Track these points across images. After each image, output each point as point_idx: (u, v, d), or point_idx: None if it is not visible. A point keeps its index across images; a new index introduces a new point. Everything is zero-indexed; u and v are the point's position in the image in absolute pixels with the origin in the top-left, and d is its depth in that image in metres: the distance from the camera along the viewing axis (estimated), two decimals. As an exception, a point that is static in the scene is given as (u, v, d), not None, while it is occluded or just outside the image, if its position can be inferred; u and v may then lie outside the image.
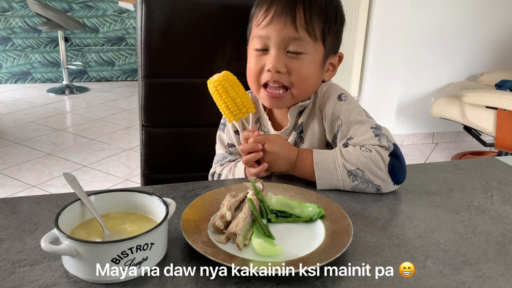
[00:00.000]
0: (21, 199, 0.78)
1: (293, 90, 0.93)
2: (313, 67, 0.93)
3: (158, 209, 0.66)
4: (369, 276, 0.61)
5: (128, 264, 0.57)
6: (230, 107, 0.89)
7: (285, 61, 0.91)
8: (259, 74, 0.94)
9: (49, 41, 4.81)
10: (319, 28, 0.91)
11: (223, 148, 1.09)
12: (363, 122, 0.92)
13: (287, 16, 0.88)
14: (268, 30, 0.90)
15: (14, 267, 0.60)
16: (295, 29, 0.88)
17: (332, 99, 0.96)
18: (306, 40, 0.90)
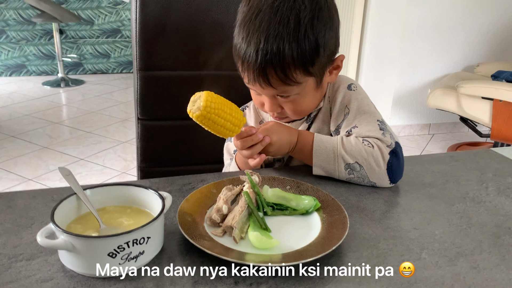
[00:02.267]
0: (17, 194, 0.77)
1: (293, 116, 0.96)
2: (307, 98, 0.92)
3: (155, 202, 0.66)
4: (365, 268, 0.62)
5: (125, 258, 0.57)
6: (224, 131, 0.83)
7: (279, 102, 0.91)
8: (263, 107, 0.95)
9: (44, 34, 4.78)
10: (299, 73, 0.84)
11: (229, 156, 1.09)
12: (370, 113, 0.92)
13: (260, 81, 0.84)
14: (253, 86, 0.88)
15: (11, 262, 0.60)
16: (273, 88, 0.86)
17: (342, 89, 0.97)
18: (289, 89, 0.87)
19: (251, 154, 0.88)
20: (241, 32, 0.85)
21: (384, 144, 0.86)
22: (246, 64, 0.84)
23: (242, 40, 0.84)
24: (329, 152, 0.87)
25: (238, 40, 0.86)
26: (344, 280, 0.59)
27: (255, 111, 1.07)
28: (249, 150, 0.88)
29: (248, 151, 0.88)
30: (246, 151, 0.88)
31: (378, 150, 0.85)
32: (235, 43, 0.87)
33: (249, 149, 0.88)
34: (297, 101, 0.90)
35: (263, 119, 1.06)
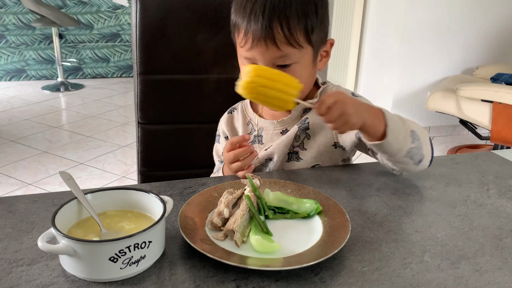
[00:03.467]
0: (18, 198, 0.77)
1: None
2: (305, 71, 0.92)
3: (156, 206, 0.65)
4: (366, 271, 0.62)
5: (126, 263, 0.56)
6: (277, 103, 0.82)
7: None
8: None
9: (43, 38, 4.78)
10: (302, 34, 0.87)
11: (218, 158, 1.10)
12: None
13: (266, 38, 0.85)
14: (252, 53, 0.87)
15: (11, 267, 0.60)
16: (277, 49, 0.86)
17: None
18: (291, 52, 0.87)
19: (241, 166, 0.89)
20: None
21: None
22: (250, 24, 0.85)
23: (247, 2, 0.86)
24: (396, 118, 0.84)
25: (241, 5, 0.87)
26: (346, 284, 0.59)
27: (243, 112, 1.07)
28: (239, 163, 0.88)
29: (238, 164, 0.89)
30: (235, 164, 0.89)
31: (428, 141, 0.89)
32: (236, 9, 0.89)
33: (239, 162, 0.88)
34: (295, 71, 0.89)
35: (250, 120, 1.05)
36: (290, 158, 0.99)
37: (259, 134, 1.03)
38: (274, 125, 1.00)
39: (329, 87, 1.00)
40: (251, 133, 1.04)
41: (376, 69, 3.62)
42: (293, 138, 0.98)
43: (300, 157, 0.98)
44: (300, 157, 0.98)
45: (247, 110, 1.07)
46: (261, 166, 1.02)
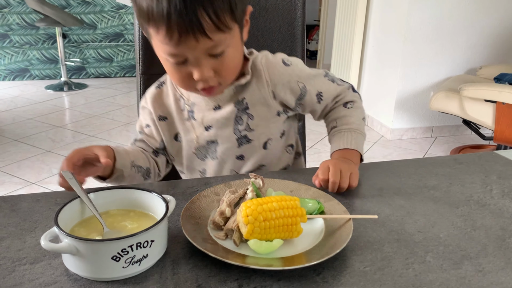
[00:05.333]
0: (21, 197, 0.78)
1: (225, 81, 0.88)
2: (236, 52, 0.86)
3: (158, 206, 0.65)
4: (369, 271, 0.62)
5: (129, 262, 0.57)
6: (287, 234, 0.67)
7: (209, 64, 0.82)
8: (188, 83, 0.86)
9: (47, 38, 4.80)
10: (228, 15, 0.79)
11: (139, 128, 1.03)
12: (317, 74, 0.99)
13: (194, 31, 0.76)
14: (181, 49, 0.79)
15: (14, 266, 0.60)
16: (208, 39, 0.77)
17: (279, 68, 0.94)
18: (222, 38, 0.80)
19: None
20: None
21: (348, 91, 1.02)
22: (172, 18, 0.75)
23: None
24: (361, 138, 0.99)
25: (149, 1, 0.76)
26: (349, 284, 0.59)
27: (173, 88, 0.99)
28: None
29: None
30: None
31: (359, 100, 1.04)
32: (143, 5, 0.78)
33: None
34: (229, 56, 0.83)
35: (182, 95, 0.98)
36: (240, 143, 0.97)
37: (191, 109, 0.97)
38: (206, 101, 0.95)
39: (258, 58, 0.94)
40: (184, 109, 0.98)
41: (379, 69, 3.62)
42: (234, 121, 0.95)
43: (250, 138, 0.96)
44: (250, 139, 0.96)
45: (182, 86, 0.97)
46: (204, 150, 0.99)
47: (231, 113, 0.95)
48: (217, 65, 0.83)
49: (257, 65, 0.94)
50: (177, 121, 0.99)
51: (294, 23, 1.13)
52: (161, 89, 1.00)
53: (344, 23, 3.93)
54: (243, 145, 0.97)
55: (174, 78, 0.87)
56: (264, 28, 1.12)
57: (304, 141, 1.23)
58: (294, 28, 1.13)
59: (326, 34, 5.28)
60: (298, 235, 0.66)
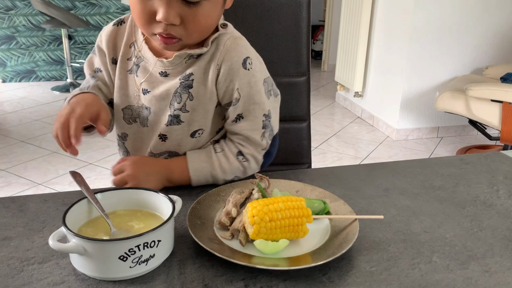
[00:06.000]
0: (28, 198, 0.78)
1: (188, 38, 0.79)
2: (214, 10, 0.77)
3: (165, 206, 0.66)
4: (375, 271, 0.62)
5: (136, 262, 0.57)
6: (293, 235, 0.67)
7: (179, 10, 0.74)
8: (148, 21, 0.76)
9: (53, 39, 4.82)
10: None
11: (90, 71, 0.94)
12: (259, 103, 0.86)
13: None
14: None
15: (23, 265, 0.60)
16: None
17: (235, 63, 0.83)
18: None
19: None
20: None
21: (260, 148, 0.89)
22: None
23: None
24: (208, 177, 0.85)
25: None
26: (355, 284, 0.59)
27: (131, 29, 0.89)
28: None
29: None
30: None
31: (254, 161, 0.88)
32: None
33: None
34: (204, 10, 0.75)
35: (135, 42, 0.89)
36: (170, 122, 0.87)
37: (137, 63, 0.88)
38: (155, 62, 0.86)
39: (226, 36, 0.85)
40: (131, 58, 0.89)
41: (384, 69, 3.61)
42: (173, 96, 0.85)
43: (181, 120, 0.87)
44: (182, 120, 0.87)
45: (136, 29, 0.89)
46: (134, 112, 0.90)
47: (173, 86, 0.85)
48: (187, 15, 0.74)
49: (220, 42, 0.84)
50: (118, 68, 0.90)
51: (299, 24, 1.13)
52: (118, 27, 0.90)
53: (349, 23, 3.92)
54: (172, 126, 0.87)
55: (135, 12, 0.77)
56: (269, 29, 1.12)
57: (310, 142, 1.23)
58: (299, 29, 1.13)
59: (331, 34, 5.28)
60: (304, 235, 0.66)
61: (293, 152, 1.21)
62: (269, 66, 1.15)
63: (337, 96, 4.45)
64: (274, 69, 1.16)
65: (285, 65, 1.16)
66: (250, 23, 1.11)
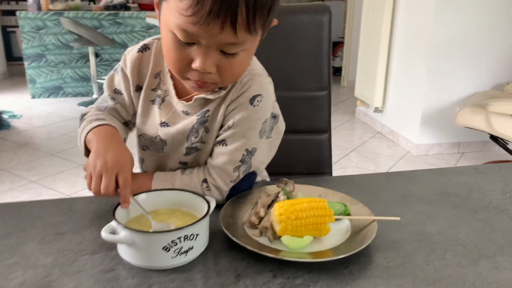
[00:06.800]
0: (76, 199, 0.86)
1: (222, 84, 0.81)
2: (248, 58, 0.79)
3: (200, 206, 0.73)
4: (391, 266, 0.67)
5: (177, 252, 0.64)
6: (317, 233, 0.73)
7: (216, 60, 0.73)
8: (183, 68, 0.76)
9: (80, 57, 5.01)
10: (262, 20, 0.71)
11: (109, 91, 0.95)
12: (246, 137, 0.85)
13: (226, 19, 0.66)
14: (199, 30, 0.68)
15: (76, 256, 0.68)
16: (234, 34, 0.69)
17: (245, 98, 0.85)
18: (246, 40, 0.72)
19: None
20: None
21: (228, 180, 0.85)
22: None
23: None
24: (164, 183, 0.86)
25: None
26: (373, 276, 0.65)
27: (156, 57, 0.89)
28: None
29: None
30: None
31: (217, 192, 0.85)
32: None
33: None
34: (241, 60, 0.75)
35: (161, 72, 0.90)
36: (188, 153, 0.90)
37: (162, 96, 0.90)
38: (177, 102, 0.89)
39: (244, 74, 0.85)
40: (155, 89, 0.90)
41: (404, 84, 3.65)
42: (191, 131, 0.88)
43: (199, 148, 0.90)
44: (199, 149, 0.90)
45: (161, 58, 0.88)
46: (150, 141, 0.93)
47: (190, 122, 0.88)
48: (224, 65, 0.74)
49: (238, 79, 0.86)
50: (142, 98, 0.92)
51: (321, 41, 1.20)
52: (143, 53, 0.90)
53: (369, 40, 3.99)
54: (191, 155, 0.91)
55: (169, 58, 0.77)
56: (293, 46, 1.20)
57: (330, 152, 1.29)
58: (321, 46, 1.21)
59: (351, 51, 5.35)
60: (326, 233, 0.73)
61: (315, 162, 1.28)
62: (292, 81, 1.23)
63: (357, 112, 4.50)
64: (297, 84, 1.24)
65: (307, 80, 1.23)
66: (274, 40, 1.19)
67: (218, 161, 0.86)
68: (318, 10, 1.19)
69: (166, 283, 0.62)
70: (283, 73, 0.94)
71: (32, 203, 0.86)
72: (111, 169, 0.75)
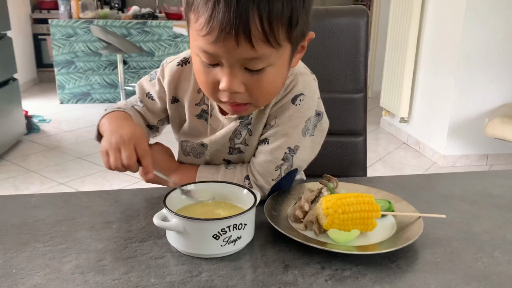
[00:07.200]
0: (120, 192, 0.88)
1: (256, 103, 0.78)
2: (279, 74, 0.75)
3: (245, 198, 0.74)
4: (440, 262, 0.67)
5: (226, 241, 0.65)
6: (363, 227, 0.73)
7: (243, 78, 0.71)
8: (213, 90, 0.75)
9: (108, 64, 5.12)
10: (284, 31, 0.68)
11: (140, 93, 0.95)
12: (288, 135, 0.85)
13: (238, 32, 0.64)
14: (217, 48, 0.67)
15: (126, 243, 0.70)
16: (251, 48, 0.66)
17: (288, 98, 0.85)
18: (267, 53, 0.68)
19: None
20: None
21: (270, 179, 0.85)
22: (216, 8, 0.64)
23: None
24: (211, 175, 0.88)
25: None
26: (422, 271, 0.65)
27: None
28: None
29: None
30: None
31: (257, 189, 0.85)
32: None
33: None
34: (269, 76, 0.72)
35: None
36: (232, 152, 0.91)
37: (209, 111, 0.90)
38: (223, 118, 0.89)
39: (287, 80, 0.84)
40: (199, 103, 0.90)
41: (431, 94, 3.62)
42: (233, 134, 0.88)
43: (242, 151, 0.91)
44: (242, 151, 0.91)
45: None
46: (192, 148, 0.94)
47: (233, 125, 0.88)
48: (251, 83, 0.72)
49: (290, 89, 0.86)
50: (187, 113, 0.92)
51: (358, 44, 1.21)
52: (183, 67, 0.89)
53: (395, 49, 3.97)
54: (234, 154, 0.91)
55: (199, 80, 0.77)
56: (330, 48, 1.21)
57: (366, 156, 1.29)
58: (358, 48, 1.21)
59: (376, 60, 5.33)
60: (372, 228, 0.73)
61: (350, 165, 1.28)
62: (329, 83, 1.23)
63: (382, 122, 4.47)
64: (333, 86, 1.24)
65: (344, 82, 1.23)
66: (312, 43, 1.20)
67: (260, 159, 0.87)
68: (356, 13, 1.20)
69: (215, 270, 0.63)
70: (320, 75, 0.93)
71: (79, 193, 0.88)
72: (129, 140, 0.76)
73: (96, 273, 0.62)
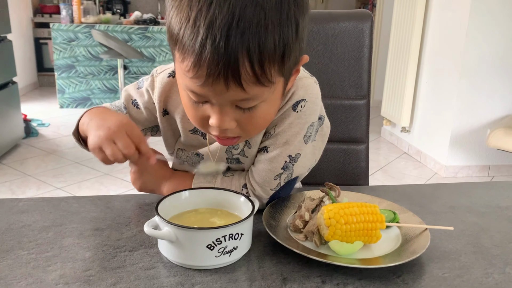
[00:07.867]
0: (113, 197, 0.84)
1: (247, 136, 0.75)
2: (272, 107, 0.71)
3: (242, 206, 0.70)
4: (448, 277, 0.63)
5: (221, 252, 0.61)
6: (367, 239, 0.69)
7: (234, 115, 0.67)
8: (202, 124, 0.71)
9: (109, 69, 5.10)
10: (276, 68, 0.62)
11: (126, 100, 0.90)
12: (289, 143, 0.81)
13: (227, 77, 0.59)
14: (205, 90, 0.62)
15: (116, 252, 0.66)
16: (242, 90, 0.61)
17: (288, 105, 0.80)
18: (259, 93, 0.64)
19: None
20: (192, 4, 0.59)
21: (268, 188, 0.82)
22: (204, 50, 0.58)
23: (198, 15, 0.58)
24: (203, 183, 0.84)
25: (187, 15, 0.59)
26: (429, 287, 0.61)
27: None
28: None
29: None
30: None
31: (255, 198, 0.81)
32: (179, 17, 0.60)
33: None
34: (261, 111, 0.68)
35: None
36: (230, 162, 0.87)
37: None
38: None
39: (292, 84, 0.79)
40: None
41: (433, 104, 3.59)
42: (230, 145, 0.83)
43: (241, 162, 0.87)
44: (241, 162, 0.87)
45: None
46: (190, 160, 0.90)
47: None
48: (243, 119, 0.68)
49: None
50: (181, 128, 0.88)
51: (361, 49, 1.18)
52: (174, 79, 0.84)
53: (397, 58, 3.95)
54: (232, 164, 0.88)
55: (188, 113, 0.73)
56: (333, 53, 1.18)
57: (368, 164, 1.25)
58: (361, 54, 1.18)
59: (378, 69, 5.31)
60: (376, 240, 0.69)
61: (351, 173, 1.24)
62: (331, 89, 1.20)
63: (382, 131, 4.44)
64: (336, 92, 1.21)
65: (346, 88, 1.20)
66: (315, 48, 1.17)
67: (258, 168, 0.83)
68: (360, 17, 1.17)
69: (209, 283, 0.59)
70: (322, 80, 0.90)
71: (69, 198, 0.84)
72: (119, 130, 0.71)
73: (82, 284, 0.58)
